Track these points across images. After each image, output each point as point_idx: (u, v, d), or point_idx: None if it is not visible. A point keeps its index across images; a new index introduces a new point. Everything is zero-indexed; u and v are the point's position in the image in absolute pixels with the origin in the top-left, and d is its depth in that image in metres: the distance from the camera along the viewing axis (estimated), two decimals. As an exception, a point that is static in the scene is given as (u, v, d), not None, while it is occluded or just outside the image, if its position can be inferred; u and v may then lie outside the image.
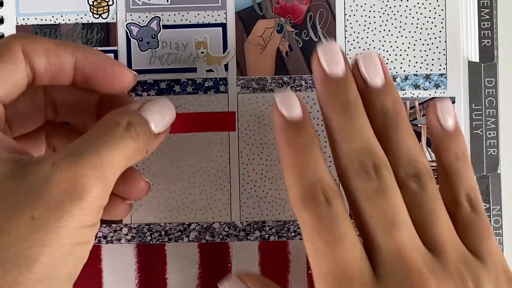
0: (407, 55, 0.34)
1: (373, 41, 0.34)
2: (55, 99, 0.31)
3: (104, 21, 0.34)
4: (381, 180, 0.27)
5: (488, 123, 0.34)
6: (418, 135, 0.34)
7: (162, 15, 0.34)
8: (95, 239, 0.33)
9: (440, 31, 0.33)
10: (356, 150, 0.28)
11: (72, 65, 0.28)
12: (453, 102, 0.34)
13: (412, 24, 0.33)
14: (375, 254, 0.27)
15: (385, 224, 0.27)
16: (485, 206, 0.33)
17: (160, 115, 0.28)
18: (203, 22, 0.34)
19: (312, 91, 0.34)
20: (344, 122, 0.29)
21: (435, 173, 0.30)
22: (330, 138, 0.30)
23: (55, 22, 0.34)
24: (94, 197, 0.24)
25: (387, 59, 0.34)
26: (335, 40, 0.33)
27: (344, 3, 0.34)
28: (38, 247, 0.23)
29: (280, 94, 0.29)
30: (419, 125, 0.34)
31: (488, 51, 0.34)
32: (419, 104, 0.34)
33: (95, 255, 0.34)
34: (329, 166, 0.28)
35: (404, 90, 0.34)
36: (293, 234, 0.33)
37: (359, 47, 0.34)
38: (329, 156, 0.29)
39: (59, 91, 0.30)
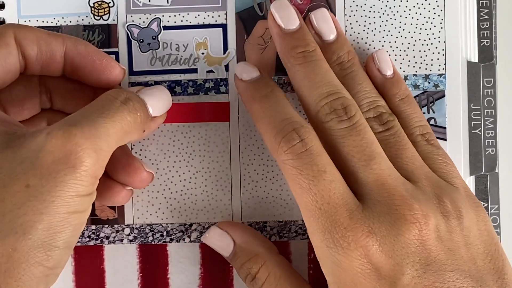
0: (407, 55, 0.34)
1: (373, 41, 0.34)
2: (49, 87, 0.31)
3: (105, 22, 0.34)
4: (352, 118, 0.29)
5: (486, 122, 0.34)
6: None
7: (163, 16, 0.34)
8: (98, 239, 0.34)
9: (440, 32, 0.34)
10: (323, 94, 0.30)
11: (62, 54, 0.29)
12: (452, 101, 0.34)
13: (411, 24, 0.34)
14: (358, 187, 0.28)
15: (363, 158, 0.28)
16: (483, 205, 0.34)
17: (157, 99, 0.29)
18: (203, 23, 0.34)
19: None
20: (307, 70, 0.31)
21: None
22: (297, 89, 0.31)
23: (56, 24, 0.34)
24: (88, 167, 0.24)
25: (387, 59, 0.34)
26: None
27: (344, 3, 0.34)
28: (34, 214, 0.23)
29: (240, 67, 0.31)
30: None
31: (487, 51, 0.34)
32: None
33: (97, 255, 0.34)
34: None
35: (404, 90, 0.34)
36: (294, 234, 0.34)
37: (359, 47, 0.34)
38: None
39: (54, 80, 0.31)
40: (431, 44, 0.34)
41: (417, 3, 0.34)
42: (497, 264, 0.28)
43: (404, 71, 0.34)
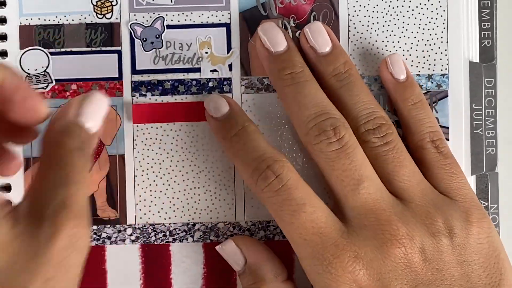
0: (410, 55, 0.34)
1: (376, 41, 0.34)
2: None
3: (108, 21, 0.33)
4: (341, 140, 0.29)
5: (487, 122, 0.34)
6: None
7: (166, 15, 0.33)
8: (99, 240, 0.33)
9: (442, 32, 0.34)
10: (311, 116, 0.30)
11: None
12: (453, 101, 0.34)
13: (414, 24, 0.34)
14: (346, 211, 0.29)
15: (352, 182, 0.28)
16: (484, 204, 0.34)
17: (96, 116, 0.27)
18: (207, 22, 0.34)
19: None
20: (296, 92, 0.31)
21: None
22: (287, 110, 0.31)
23: (58, 22, 0.33)
24: (86, 242, 0.25)
25: (390, 59, 0.34)
26: (338, 40, 0.34)
27: (348, 3, 0.34)
28: None
29: (210, 102, 0.31)
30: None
31: (488, 52, 0.34)
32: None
33: (99, 255, 0.33)
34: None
35: (407, 90, 0.34)
36: (298, 233, 0.34)
37: (362, 47, 0.34)
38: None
39: None
40: (434, 44, 0.34)
41: (420, 4, 0.34)
42: (494, 279, 0.28)
43: (407, 71, 0.34)
